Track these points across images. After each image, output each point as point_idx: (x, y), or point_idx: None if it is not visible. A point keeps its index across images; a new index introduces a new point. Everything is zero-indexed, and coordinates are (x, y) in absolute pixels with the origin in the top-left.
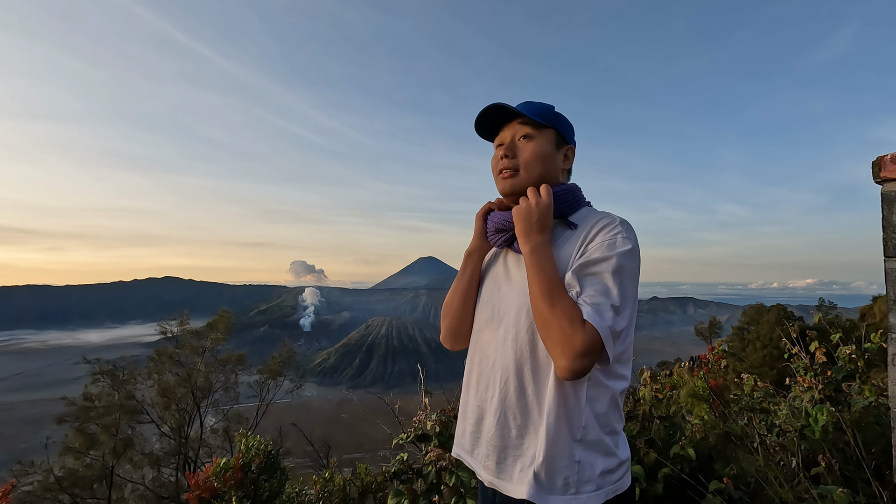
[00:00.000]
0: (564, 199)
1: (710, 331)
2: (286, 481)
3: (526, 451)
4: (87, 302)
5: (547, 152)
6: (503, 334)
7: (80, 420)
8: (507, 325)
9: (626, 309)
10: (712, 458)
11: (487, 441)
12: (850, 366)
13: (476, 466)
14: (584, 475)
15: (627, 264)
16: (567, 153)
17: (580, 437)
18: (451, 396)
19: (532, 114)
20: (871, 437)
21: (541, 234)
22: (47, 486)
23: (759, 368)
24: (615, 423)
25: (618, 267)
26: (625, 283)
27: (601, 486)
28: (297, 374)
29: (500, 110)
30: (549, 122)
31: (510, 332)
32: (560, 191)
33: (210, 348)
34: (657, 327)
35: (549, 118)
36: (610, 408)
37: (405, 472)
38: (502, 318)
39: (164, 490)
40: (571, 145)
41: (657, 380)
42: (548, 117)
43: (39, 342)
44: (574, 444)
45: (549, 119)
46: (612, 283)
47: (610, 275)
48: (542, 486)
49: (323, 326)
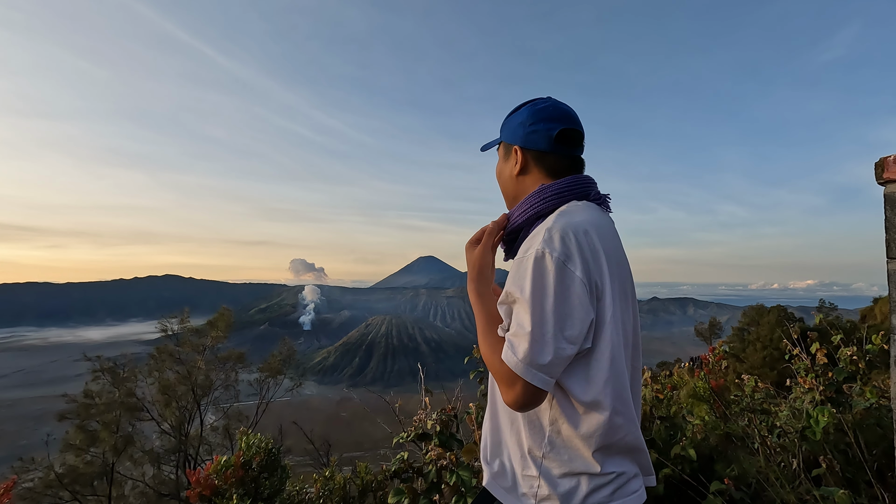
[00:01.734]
0: (529, 203)
1: (711, 331)
2: (287, 479)
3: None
4: (88, 299)
5: (500, 170)
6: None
7: (81, 417)
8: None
9: (545, 331)
10: (713, 458)
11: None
12: (851, 367)
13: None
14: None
15: (538, 281)
16: (515, 156)
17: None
18: (451, 396)
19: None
20: (873, 439)
21: (473, 282)
22: (48, 483)
23: (760, 369)
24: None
25: (529, 290)
26: (538, 304)
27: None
28: (297, 373)
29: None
30: (500, 135)
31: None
32: (528, 196)
33: (210, 346)
34: (657, 328)
35: (501, 130)
36: (535, 431)
37: (406, 471)
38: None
39: (164, 487)
40: (516, 146)
41: (658, 380)
42: (501, 129)
43: (40, 339)
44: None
45: (501, 131)
46: (524, 310)
47: (522, 302)
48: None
49: (323, 325)
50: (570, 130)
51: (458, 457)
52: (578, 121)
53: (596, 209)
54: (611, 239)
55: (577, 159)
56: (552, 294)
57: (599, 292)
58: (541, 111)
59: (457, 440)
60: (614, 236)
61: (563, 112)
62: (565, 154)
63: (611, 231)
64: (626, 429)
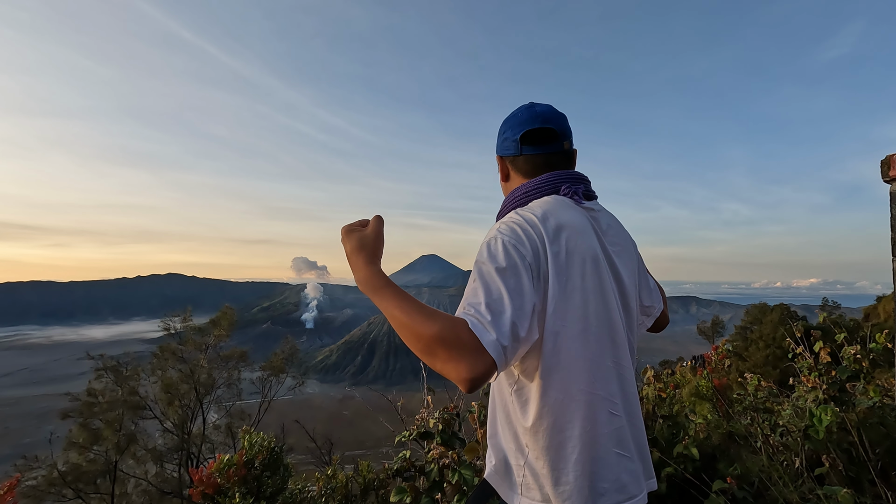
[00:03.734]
0: (504, 205)
1: (713, 330)
2: (289, 478)
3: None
4: (92, 298)
5: (500, 176)
6: None
7: (84, 415)
8: None
9: (493, 301)
10: (716, 457)
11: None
12: (854, 366)
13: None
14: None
15: (485, 261)
16: (498, 165)
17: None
18: (454, 394)
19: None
20: (876, 438)
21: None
22: (51, 481)
23: (762, 368)
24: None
25: (479, 270)
26: (487, 278)
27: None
28: (300, 371)
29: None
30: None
31: None
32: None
33: (213, 345)
34: None
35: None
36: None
37: (408, 470)
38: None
39: (166, 485)
40: (497, 155)
41: (660, 378)
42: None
43: (44, 338)
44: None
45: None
46: (477, 284)
47: (475, 278)
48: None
49: (325, 323)
50: (535, 130)
51: (461, 455)
52: (553, 118)
53: (564, 203)
54: (581, 232)
55: (553, 156)
56: (502, 267)
57: (544, 278)
58: (511, 118)
59: (459, 439)
60: (585, 230)
61: (533, 114)
62: (536, 154)
63: (581, 224)
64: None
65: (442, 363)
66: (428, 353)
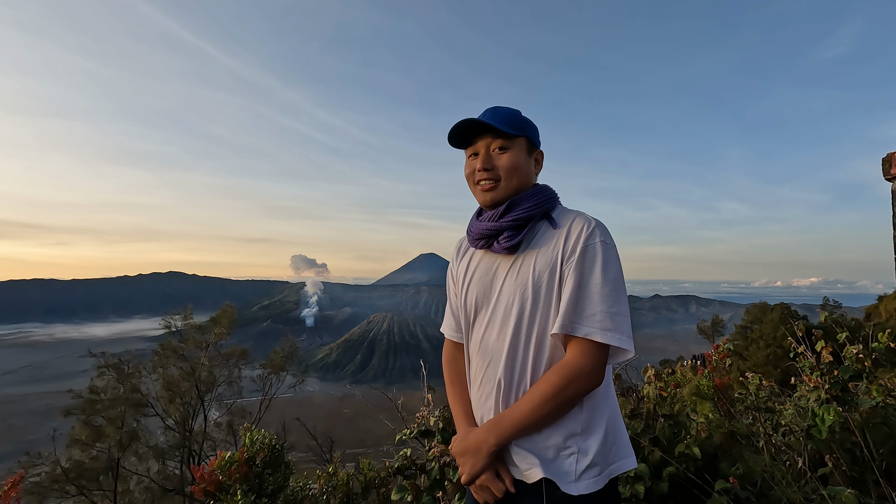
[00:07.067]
0: (543, 196)
1: (713, 329)
2: (290, 475)
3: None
4: (93, 296)
5: (521, 161)
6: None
7: (87, 413)
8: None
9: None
10: (718, 457)
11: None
12: (857, 365)
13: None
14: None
15: (615, 267)
16: (537, 157)
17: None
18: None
19: (504, 124)
20: (879, 438)
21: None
22: (54, 478)
23: (763, 367)
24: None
25: (612, 277)
26: (619, 285)
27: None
28: (300, 369)
29: (474, 122)
30: (519, 130)
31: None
32: (537, 190)
33: (213, 343)
34: (659, 325)
35: (519, 127)
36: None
37: (408, 468)
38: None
39: (168, 483)
40: (540, 149)
41: (661, 377)
42: (518, 126)
43: (46, 335)
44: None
45: (519, 128)
46: (611, 291)
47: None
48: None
49: (325, 322)
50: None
51: None
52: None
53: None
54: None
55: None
56: (622, 272)
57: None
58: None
59: None
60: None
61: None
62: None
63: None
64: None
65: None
66: (575, 398)
